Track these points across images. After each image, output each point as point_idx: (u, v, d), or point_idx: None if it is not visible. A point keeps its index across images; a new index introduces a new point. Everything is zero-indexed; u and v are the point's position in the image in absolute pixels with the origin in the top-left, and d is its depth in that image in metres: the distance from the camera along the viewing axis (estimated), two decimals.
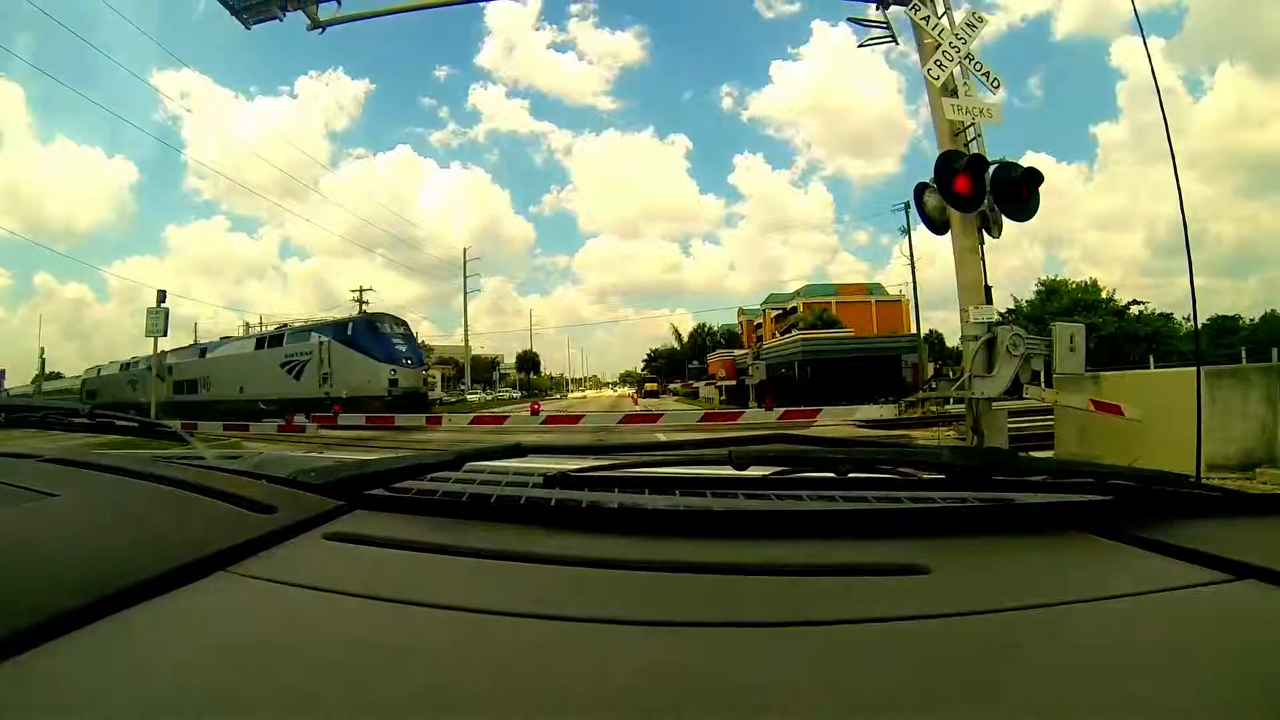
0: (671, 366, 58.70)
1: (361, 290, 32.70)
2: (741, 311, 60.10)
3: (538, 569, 0.66)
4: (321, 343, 21.36)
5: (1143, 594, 0.59)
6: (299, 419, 15.21)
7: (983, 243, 6.90)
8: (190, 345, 28.69)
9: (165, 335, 15.48)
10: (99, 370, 33.45)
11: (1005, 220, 6.61)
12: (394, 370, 20.90)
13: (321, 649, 0.49)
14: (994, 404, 6.53)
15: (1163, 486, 0.87)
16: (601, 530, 0.78)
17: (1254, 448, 5.77)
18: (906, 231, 26.82)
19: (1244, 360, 18.90)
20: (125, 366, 28.73)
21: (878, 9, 7.59)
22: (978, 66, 6.70)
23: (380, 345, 21.39)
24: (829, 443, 0.99)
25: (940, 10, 6.91)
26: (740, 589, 0.61)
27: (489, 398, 45.51)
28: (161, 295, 15.12)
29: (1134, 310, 34.58)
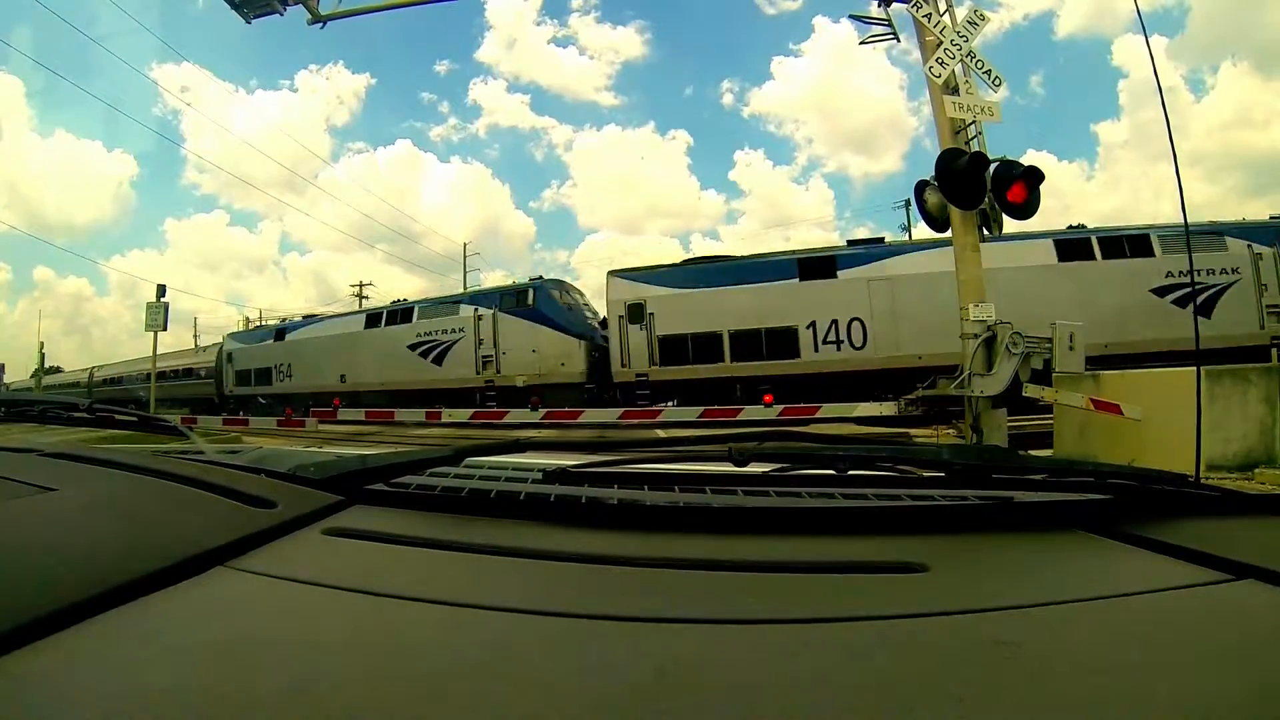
0: None
1: (361, 285, 31.33)
2: None
3: (537, 564, 0.66)
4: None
5: (1141, 593, 0.59)
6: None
7: (983, 240, 6.90)
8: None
9: (165, 329, 15.27)
10: (259, 333, 18.47)
11: (1006, 218, 6.61)
12: None
13: (321, 644, 0.49)
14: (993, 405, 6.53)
15: (1162, 486, 0.87)
16: (601, 526, 0.78)
17: (1253, 448, 5.78)
18: (907, 229, 26.69)
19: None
20: (384, 318, 14.95)
21: (880, 6, 7.56)
22: (979, 64, 6.68)
23: None
24: (829, 440, 0.98)
25: (942, 8, 6.89)
26: (739, 585, 0.61)
27: None
28: (161, 290, 15.10)
29: None
